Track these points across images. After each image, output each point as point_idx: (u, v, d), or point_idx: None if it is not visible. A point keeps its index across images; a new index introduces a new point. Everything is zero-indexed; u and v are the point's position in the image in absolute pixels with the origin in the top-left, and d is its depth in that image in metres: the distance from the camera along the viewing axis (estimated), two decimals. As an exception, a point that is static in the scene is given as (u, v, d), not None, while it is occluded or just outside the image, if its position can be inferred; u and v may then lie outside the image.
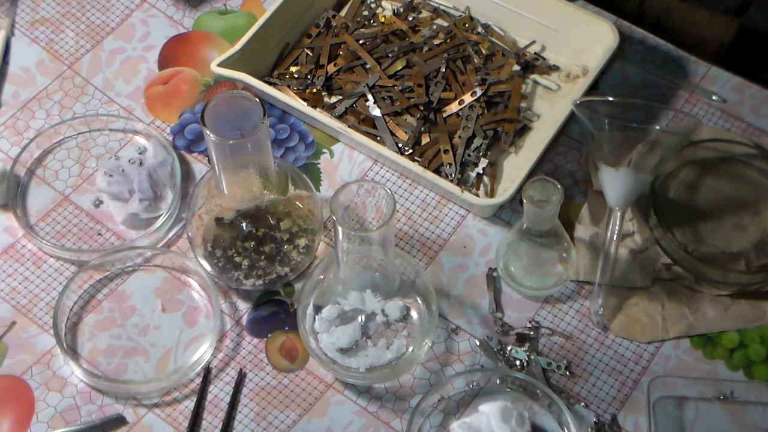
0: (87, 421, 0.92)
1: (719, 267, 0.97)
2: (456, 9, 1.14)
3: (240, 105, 0.88)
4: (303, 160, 1.06)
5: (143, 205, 1.00)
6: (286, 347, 0.96)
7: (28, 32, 1.13)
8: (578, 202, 1.03)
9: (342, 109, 1.07)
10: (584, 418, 0.92)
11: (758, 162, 1.03)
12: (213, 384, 0.94)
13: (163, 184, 1.02)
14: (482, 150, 1.04)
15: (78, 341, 0.96)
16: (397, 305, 0.93)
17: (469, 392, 0.93)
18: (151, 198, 1.01)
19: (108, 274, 0.99)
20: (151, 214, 1.01)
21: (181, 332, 0.96)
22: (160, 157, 1.03)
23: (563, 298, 0.98)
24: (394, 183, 1.04)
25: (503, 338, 0.96)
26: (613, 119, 0.92)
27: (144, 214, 1.00)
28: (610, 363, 0.95)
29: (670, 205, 1.01)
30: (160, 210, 1.01)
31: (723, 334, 0.96)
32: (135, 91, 1.10)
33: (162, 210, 1.01)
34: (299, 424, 0.92)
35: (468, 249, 1.01)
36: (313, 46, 1.11)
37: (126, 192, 1.02)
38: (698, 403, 0.93)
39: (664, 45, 1.12)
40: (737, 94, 1.09)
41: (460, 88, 1.08)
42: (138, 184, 1.01)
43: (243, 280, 0.96)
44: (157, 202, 1.01)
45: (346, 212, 0.87)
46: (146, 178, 1.01)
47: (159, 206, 1.01)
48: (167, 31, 1.14)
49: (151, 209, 1.01)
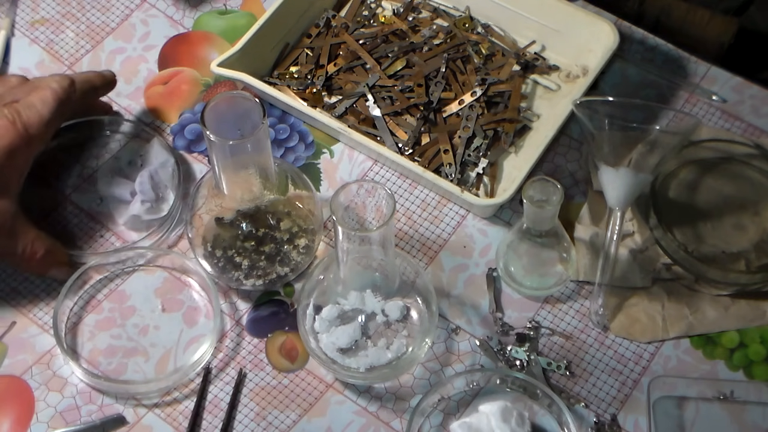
0: (87, 421, 0.92)
1: (719, 267, 0.97)
2: (456, 9, 1.14)
3: (240, 105, 0.88)
4: (303, 160, 1.06)
5: (145, 207, 1.00)
6: (286, 347, 0.96)
7: (28, 32, 1.13)
8: (578, 202, 1.03)
9: (342, 109, 1.07)
10: (584, 418, 0.92)
11: (758, 162, 1.03)
12: (213, 384, 0.94)
13: (164, 185, 1.02)
14: (482, 150, 1.04)
15: (78, 341, 0.96)
16: (397, 305, 0.93)
17: (469, 392, 0.93)
18: (153, 200, 1.01)
19: (108, 274, 0.99)
20: (152, 216, 1.01)
21: (181, 332, 0.96)
22: (161, 158, 1.03)
23: (563, 298, 0.98)
24: (394, 183, 1.04)
25: (503, 338, 0.96)
26: (613, 119, 0.92)
27: (146, 215, 1.00)
28: (610, 363, 0.95)
29: (670, 205, 1.01)
30: (162, 212, 1.01)
31: (723, 334, 0.96)
32: (135, 91, 1.10)
33: (164, 211, 1.01)
34: (299, 424, 0.92)
35: (468, 249, 1.01)
36: (313, 46, 1.11)
37: (127, 194, 1.01)
38: (698, 403, 0.93)
39: (664, 45, 1.12)
40: (737, 94, 1.09)
41: (460, 88, 1.08)
42: (139, 185, 1.01)
43: (243, 280, 0.96)
44: (158, 203, 1.01)
45: (346, 212, 0.87)
46: (148, 180, 1.01)
47: (161, 208, 1.01)
48: (167, 31, 1.14)
49: (152, 211, 1.01)
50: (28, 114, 0.94)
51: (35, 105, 0.95)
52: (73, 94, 0.98)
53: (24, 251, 0.94)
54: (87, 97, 1.02)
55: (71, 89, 0.98)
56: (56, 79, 0.97)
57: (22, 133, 0.93)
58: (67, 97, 0.97)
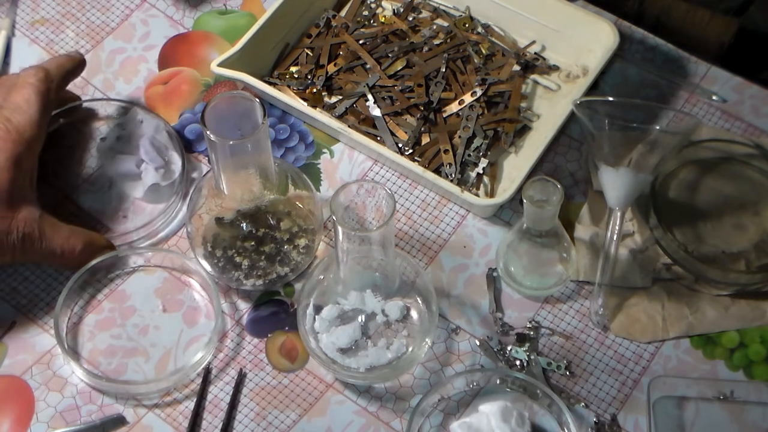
0: (87, 421, 0.92)
1: (719, 267, 0.97)
2: (456, 9, 1.14)
3: (240, 105, 0.88)
4: (303, 160, 1.06)
5: (159, 173, 1.01)
6: (286, 347, 0.96)
7: (28, 32, 1.13)
8: (578, 202, 1.03)
9: (342, 109, 1.07)
10: (584, 418, 0.92)
11: (758, 162, 1.03)
12: (213, 384, 0.94)
13: (165, 147, 1.02)
14: (482, 150, 1.04)
15: (78, 341, 0.96)
16: (397, 305, 0.93)
17: (469, 392, 0.93)
18: (162, 164, 1.01)
19: (108, 274, 0.99)
20: (168, 180, 1.01)
21: (181, 332, 0.96)
22: (150, 124, 1.03)
23: (563, 298, 0.98)
24: (394, 183, 1.04)
25: (503, 338, 0.96)
26: (613, 119, 0.92)
27: (163, 181, 1.01)
28: (610, 363, 0.95)
29: (670, 205, 1.01)
30: (174, 174, 1.01)
31: (723, 334, 0.96)
32: (135, 91, 1.10)
33: (176, 173, 1.01)
34: (299, 424, 0.92)
35: (468, 249, 1.01)
36: (313, 46, 1.11)
37: (133, 166, 1.01)
38: (698, 403, 0.93)
39: (664, 45, 1.12)
40: (737, 94, 1.09)
41: (460, 88, 1.08)
42: (145, 154, 1.01)
43: (243, 280, 0.96)
44: (168, 166, 1.02)
45: (346, 212, 0.87)
46: (150, 147, 1.01)
47: (172, 170, 1.02)
48: (167, 31, 1.14)
49: (167, 175, 1.01)
50: (18, 119, 0.93)
51: (21, 107, 0.93)
52: (51, 83, 0.97)
53: (63, 251, 0.94)
54: (65, 83, 1.01)
55: (49, 80, 0.96)
56: (32, 73, 0.96)
57: (19, 140, 0.92)
58: (47, 89, 0.96)
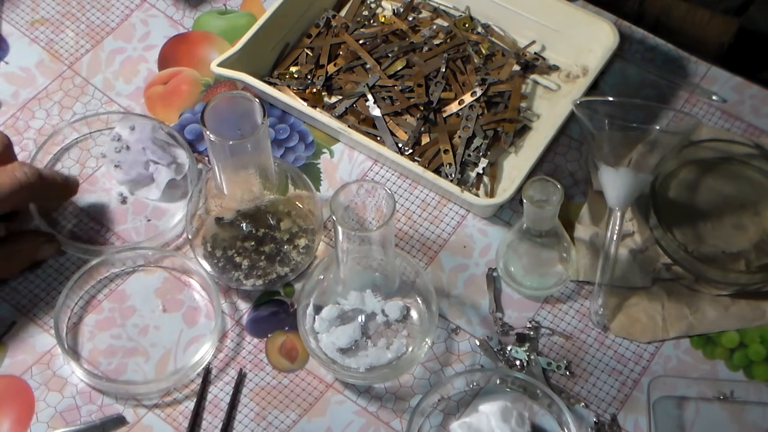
0: (87, 421, 0.92)
1: (719, 267, 0.97)
2: (456, 9, 1.14)
3: (240, 105, 0.88)
4: (303, 160, 1.06)
5: (172, 169, 1.01)
6: (286, 347, 0.96)
7: (28, 32, 1.13)
8: (578, 202, 1.03)
9: (342, 109, 1.07)
10: (584, 418, 0.92)
11: (758, 162, 1.03)
12: (213, 384, 0.94)
13: (167, 144, 1.02)
14: (482, 150, 1.04)
15: (78, 341, 0.96)
16: (397, 305, 0.93)
17: (469, 392, 0.93)
18: (171, 160, 1.02)
19: (108, 274, 0.99)
20: (181, 174, 1.02)
21: (181, 332, 0.96)
22: (144, 126, 1.03)
23: (563, 298, 0.98)
24: (394, 183, 1.04)
25: (503, 338, 0.96)
26: (613, 119, 0.92)
27: (178, 176, 1.02)
28: (610, 363, 0.95)
29: (670, 205, 1.01)
30: (184, 167, 1.02)
31: (723, 334, 0.96)
32: (135, 91, 1.10)
33: (186, 166, 1.02)
34: (299, 424, 0.92)
35: (468, 249, 1.01)
36: (313, 46, 1.11)
37: (142, 170, 1.01)
38: (698, 403, 0.93)
39: (664, 45, 1.12)
40: (737, 94, 1.09)
41: (460, 88, 1.08)
42: (153, 154, 1.01)
43: (243, 280, 0.96)
44: (176, 160, 1.03)
45: (346, 212, 0.87)
46: (156, 147, 1.01)
47: (181, 164, 1.03)
48: (167, 31, 1.14)
49: (179, 170, 1.02)
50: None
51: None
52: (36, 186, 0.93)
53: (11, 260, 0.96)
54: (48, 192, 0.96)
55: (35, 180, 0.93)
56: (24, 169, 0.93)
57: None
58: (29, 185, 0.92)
